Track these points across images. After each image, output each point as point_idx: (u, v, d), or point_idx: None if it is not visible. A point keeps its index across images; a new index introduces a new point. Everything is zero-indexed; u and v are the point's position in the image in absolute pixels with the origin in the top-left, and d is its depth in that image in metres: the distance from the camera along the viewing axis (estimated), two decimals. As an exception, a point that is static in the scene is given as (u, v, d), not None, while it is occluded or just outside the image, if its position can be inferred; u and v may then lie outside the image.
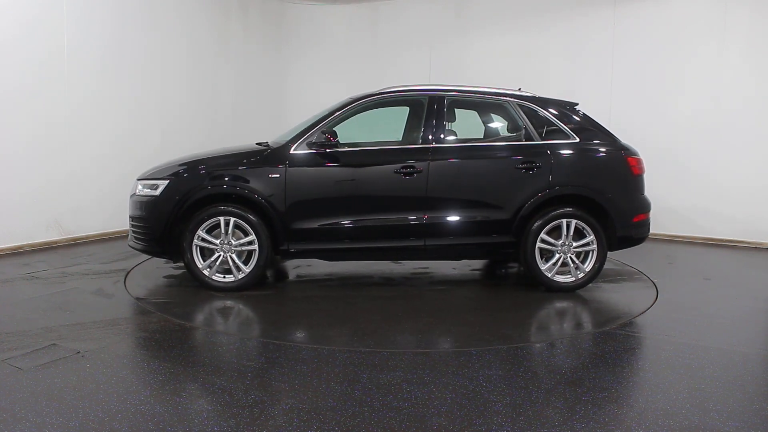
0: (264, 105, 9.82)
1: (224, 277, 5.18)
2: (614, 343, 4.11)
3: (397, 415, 3.01)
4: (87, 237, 7.25)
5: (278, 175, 5.13)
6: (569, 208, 5.22)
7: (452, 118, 5.72)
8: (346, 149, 5.30)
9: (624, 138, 5.60)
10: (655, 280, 5.76)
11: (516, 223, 5.22)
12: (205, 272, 5.16)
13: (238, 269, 5.15)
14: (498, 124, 5.83)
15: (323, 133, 5.16)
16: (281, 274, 6.01)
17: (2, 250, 6.39)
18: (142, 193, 5.31)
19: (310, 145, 5.19)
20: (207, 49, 8.80)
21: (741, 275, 6.27)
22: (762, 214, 7.54)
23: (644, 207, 5.44)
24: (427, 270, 6.13)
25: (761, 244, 7.53)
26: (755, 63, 7.49)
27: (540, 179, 5.22)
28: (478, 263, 6.41)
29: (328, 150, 5.19)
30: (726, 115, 7.67)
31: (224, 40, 9.10)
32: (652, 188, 5.66)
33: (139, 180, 5.47)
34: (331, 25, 10.11)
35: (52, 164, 6.83)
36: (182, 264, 5.27)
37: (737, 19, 7.54)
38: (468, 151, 5.42)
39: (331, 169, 5.21)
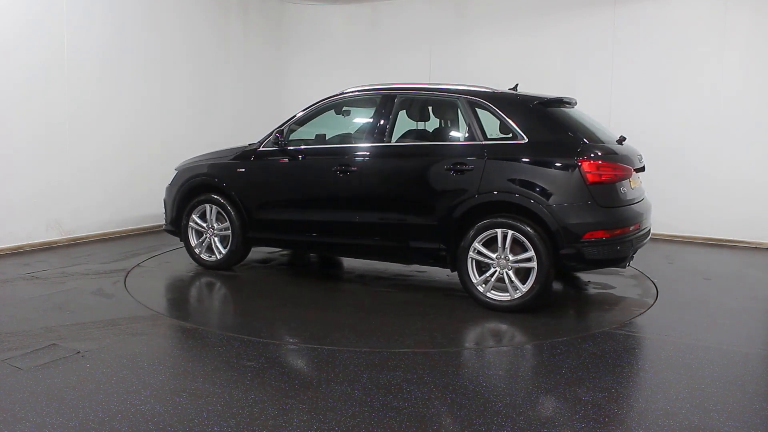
0: (263, 104, 9.80)
1: (210, 256, 5.86)
2: (614, 343, 4.11)
3: (397, 415, 3.01)
4: (87, 237, 7.24)
5: (244, 170, 5.67)
6: (504, 216, 4.63)
7: (426, 117, 5.67)
8: (299, 147, 5.55)
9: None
10: (655, 280, 5.76)
11: (445, 229, 4.82)
12: (196, 251, 5.91)
13: (219, 251, 5.80)
14: (448, 122, 5.59)
15: (278, 132, 5.48)
16: (290, 265, 6.04)
17: (2, 250, 6.39)
18: (169, 181, 6.13)
19: (272, 143, 5.55)
20: (207, 48, 8.79)
21: (741, 275, 6.26)
22: (762, 213, 7.53)
23: (603, 223, 4.52)
24: (423, 272, 6.11)
25: (761, 244, 7.53)
26: (756, 62, 7.48)
27: (470, 183, 4.73)
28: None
29: (287, 148, 5.49)
30: (726, 115, 7.66)
31: (224, 39, 9.09)
32: (651, 188, 5.60)
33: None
34: (330, 24, 10.10)
35: (53, 164, 6.82)
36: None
37: (738, 18, 7.53)
38: (398, 151, 5.24)
39: (281, 167, 5.56)
